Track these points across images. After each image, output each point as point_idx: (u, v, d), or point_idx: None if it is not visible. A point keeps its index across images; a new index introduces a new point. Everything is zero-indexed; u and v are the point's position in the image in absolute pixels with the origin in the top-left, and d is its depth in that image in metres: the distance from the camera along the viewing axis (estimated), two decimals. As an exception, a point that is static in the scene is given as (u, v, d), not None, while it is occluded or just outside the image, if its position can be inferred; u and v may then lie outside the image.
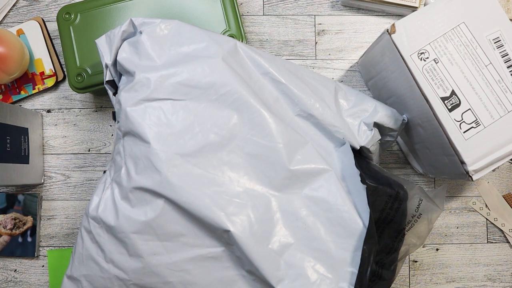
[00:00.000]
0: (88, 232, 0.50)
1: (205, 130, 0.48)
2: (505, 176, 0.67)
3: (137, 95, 0.48)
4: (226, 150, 0.48)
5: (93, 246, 0.49)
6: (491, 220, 0.66)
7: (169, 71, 0.48)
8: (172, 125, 0.47)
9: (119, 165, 0.50)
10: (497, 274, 0.66)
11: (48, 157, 0.67)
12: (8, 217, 0.65)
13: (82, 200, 0.66)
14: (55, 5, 0.70)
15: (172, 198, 0.46)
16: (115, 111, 0.54)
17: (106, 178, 0.52)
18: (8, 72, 0.62)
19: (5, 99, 0.67)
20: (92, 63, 0.61)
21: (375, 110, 0.54)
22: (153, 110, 0.48)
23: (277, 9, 0.70)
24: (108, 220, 0.48)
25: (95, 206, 0.50)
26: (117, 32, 0.52)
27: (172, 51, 0.50)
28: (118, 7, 0.62)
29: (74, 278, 0.50)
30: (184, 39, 0.51)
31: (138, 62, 0.50)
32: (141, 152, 0.47)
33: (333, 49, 0.69)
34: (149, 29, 0.51)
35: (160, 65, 0.49)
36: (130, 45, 0.51)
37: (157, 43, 0.51)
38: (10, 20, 0.69)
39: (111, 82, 0.54)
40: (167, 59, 0.50)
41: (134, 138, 0.48)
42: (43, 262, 0.65)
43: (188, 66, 0.49)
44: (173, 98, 0.48)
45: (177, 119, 0.48)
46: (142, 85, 0.48)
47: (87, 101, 0.68)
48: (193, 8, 0.62)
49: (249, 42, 0.69)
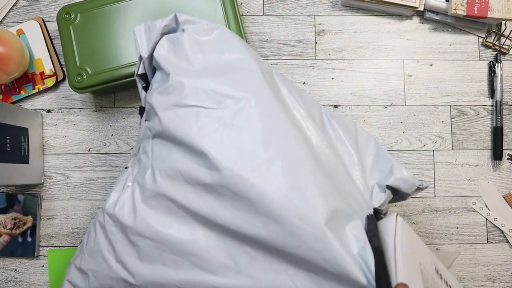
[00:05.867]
0: (102, 227, 0.49)
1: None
2: (505, 176, 0.67)
3: (170, 99, 0.46)
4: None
5: (105, 242, 0.48)
6: (491, 220, 0.66)
7: (205, 78, 0.46)
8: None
9: (145, 166, 0.48)
10: (497, 274, 0.66)
11: (48, 157, 0.67)
12: (8, 217, 0.65)
13: (82, 200, 0.66)
14: (55, 5, 0.70)
15: (204, 214, 0.44)
16: (143, 107, 0.52)
17: (128, 176, 0.50)
18: (8, 72, 0.62)
19: (5, 99, 0.67)
20: (92, 63, 0.61)
21: (390, 171, 0.51)
22: (185, 114, 0.45)
23: (277, 9, 0.70)
24: (124, 220, 0.46)
25: (113, 203, 0.48)
26: (158, 25, 0.49)
27: (212, 57, 0.48)
28: (118, 7, 0.62)
29: (82, 271, 0.49)
30: (225, 46, 0.49)
31: (175, 61, 0.48)
32: (173, 159, 0.45)
33: (333, 49, 0.69)
34: (192, 29, 0.49)
35: (197, 70, 0.47)
36: (170, 41, 0.49)
37: (198, 46, 0.48)
38: (10, 20, 0.69)
39: (142, 75, 0.52)
40: (205, 65, 0.48)
41: (165, 142, 0.46)
42: (43, 262, 0.65)
43: (226, 76, 0.46)
44: (204, 106, 0.45)
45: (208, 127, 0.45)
46: (175, 88, 0.46)
47: (87, 101, 0.68)
48: (193, 8, 0.62)
49: (249, 42, 0.69)
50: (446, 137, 0.68)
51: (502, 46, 0.69)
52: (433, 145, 0.68)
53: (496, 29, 0.69)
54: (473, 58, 0.69)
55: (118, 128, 0.67)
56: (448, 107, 0.68)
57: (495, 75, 0.68)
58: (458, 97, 0.68)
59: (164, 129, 0.45)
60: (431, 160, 0.67)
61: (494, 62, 0.68)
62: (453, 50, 0.69)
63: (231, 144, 0.43)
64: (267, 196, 0.41)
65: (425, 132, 0.68)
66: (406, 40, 0.69)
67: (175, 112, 0.45)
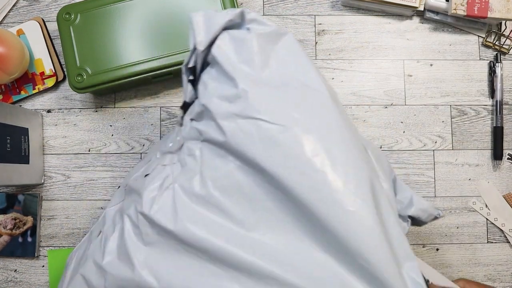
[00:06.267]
0: (134, 226, 0.45)
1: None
2: (505, 176, 0.67)
3: (231, 107, 0.42)
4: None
5: (137, 243, 0.44)
6: (491, 220, 0.66)
7: (270, 90, 0.42)
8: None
9: (192, 170, 0.44)
10: (497, 274, 0.66)
11: (48, 157, 0.67)
12: (8, 217, 0.65)
13: (82, 200, 0.66)
14: (55, 5, 0.70)
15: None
16: (187, 102, 0.48)
17: (167, 176, 0.46)
18: (8, 72, 0.62)
19: (5, 99, 0.67)
20: (92, 63, 0.61)
21: (410, 202, 0.50)
22: (246, 127, 0.42)
23: (277, 9, 0.70)
24: (163, 223, 0.43)
25: (149, 202, 0.44)
26: (221, 17, 0.44)
27: (279, 67, 0.44)
28: (118, 7, 0.62)
29: (102, 268, 0.46)
30: (292, 57, 0.45)
31: (237, 64, 0.43)
32: (231, 171, 0.42)
33: (333, 49, 0.69)
34: (259, 31, 0.44)
35: (261, 79, 0.43)
36: (232, 39, 0.44)
37: (264, 51, 0.44)
38: (10, 20, 0.69)
39: (190, 67, 0.48)
40: (270, 75, 0.43)
41: (221, 151, 0.43)
42: (43, 262, 0.65)
43: (292, 91, 0.43)
44: (269, 121, 0.41)
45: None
46: (238, 97, 0.42)
47: (87, 101, 0.68)
48: (193, 8, 0.62)
49: (249, 42, 0.69)
50: (446, 137, 0.68)
51: (502, 46, 0.69)
52: (433, 145, 0.68)
53: (496, 29, 0.69)
54: (473, 58, 0.69)
55: (118, 128, 0.67)
56: (448, 107, 0.68)
57: (495, 75, 0.68)
58: (458, 97, 0.68)
59: (229, 140, 0.42)
60: (431, 160, 0.67)
61: (494, 62, 0.68)
62: (453, 50, 0.69)
63: (297, 167, 0.40)
64: (356, 234, 0.38)
65: (425, 132, 0.68)
66: (406, 40, 0.69)
67: (236, 123, 0.41)
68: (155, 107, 0.68)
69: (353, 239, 0.38)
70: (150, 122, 0.67)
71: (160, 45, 0.61)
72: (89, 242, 0.52)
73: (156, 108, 0.68)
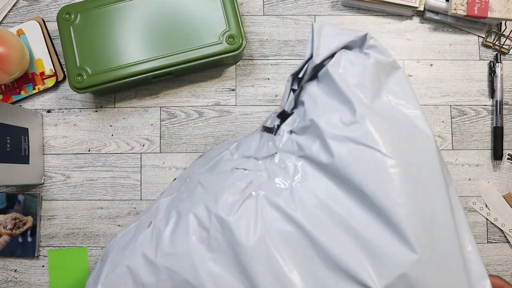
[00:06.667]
0: (202, 227, 0.42)
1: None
2: (505, 176, 0.67)
3: (344, 130, 0.41)
4: None
5: (200, 246, 0.41)
6: (491, 220, 0.66)
7: (383, 121, 0.41)
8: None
9: (280, 184, 0.42)
10: (497, 274, 0.66)
11: (48, 157, 0.67)
12: (8, 217, 0.65)
13: (82, 200, 0.66)
14: (55, 5, 0.70)
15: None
16: (287, 112, 0.46)
17: (251, 182, 0.43)
18: (8, 72, 0.62)
19: (5, 99, 0.67)
20: (92, 63, 0.61)
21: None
22: (360, 154, 0.40)
23: (277, 9, 0.70)
24: (239, 234, 0.39)
25: (227, 206, 0.41)
26: (345, 36, 0.44)
27: (391, 101, 0.43)
28: (118, 7, 0.62)
29: (155, 265, 0.43)
30: (403, 94, 0.44)
31: (352, 88, 0.42)
32: (332, 199, 0.40)
33: (333, 49, 0.69)
34: (378, 59, 0.44)
35: (373, 108, 0.41)
36: (349, 60, 0.43)
37: (378, 81, 0.43)
38: (10, 20, 0.69)
39: (296, 77, 0.46)
40: (382, 106, 0.42)
41: (324, 175, 0.41)
42: (43, 262, 0.65)
43: (402, 129, 0.41)
44: (382, 152, 0.39)
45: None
46: (354, 121, 0.41)
47: (87, 101, 0.68)
48: (193, 8, 0.62)
49: (249, 42, 0.69)
50: (446, 137, 0.68)
51: (502, 46, 0.69)
52: (433, 145, 0.68)
53: (496, 29, 0.69)
54: (473, 58, 0.69)
55: (118, 128, 0.67)
56: (448, 107, 0.68)
57: (495, 75, 0.68)
58: (458, 97, 0.68)
59: (335, 162, 0.40)
60: (431, 160, 0.67)
61: (494, 62, 0.68)
62: (453, 50, 0.69)
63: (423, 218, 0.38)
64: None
65: (425, 132, 0.68)
66: (406, 40, 0.69)
67: (347, 147, 0.40)
68: (155, 107, 0.68)
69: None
70: (150, 122, 0.67)
71: (160, 45, 0.61)
72: (137, 232, 0.48)
73: (156, 108, 0.68)
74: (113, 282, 0.44)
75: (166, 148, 0.67)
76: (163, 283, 0.42)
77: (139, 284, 0.43)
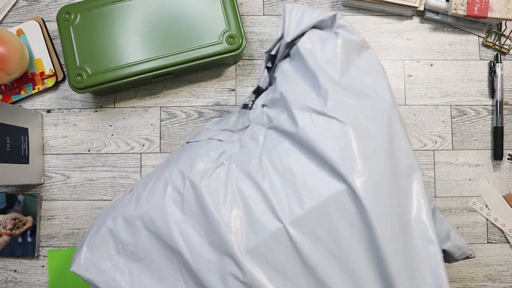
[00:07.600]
0: (177, 191, 0.44)
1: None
2: (505, 176, 0.67)
3: (308, 101, 0.44)
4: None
5: (174, 208, 0.44)
6: (491, 220, 0.66)
7: (345, 93, 0.44)
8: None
9: (251, 153, 0.45)
10: (497, 274, 0.66)
11: (48, 157, 0.67)
12: (8, 217, 0.65)
13: (82, 200, 0.66)
14: (55, 5, 0.70)
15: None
16: (260, 87, 0.49)
17: (223, 152, 0.46)
18: (8, 72, 0.62)
19: (5, 99, 0.67)
20: (92, 63, 0.61)
21: (447, 236, 0.50)
22: (323, 124, 0.43)
23: (277, 9, 0.69)
24: (207, 199, 0.43)
25: (200, 172, 0.44)
26: (314, 15, 0.47)
27: (358, 76, 0.46)
28: (118, 7, 0.62)
29: (134, 226, 0.46)
30: (372, 71, 0.47)
31: (320, 62, 0.45)
32: (294, 163, 0.43)
33: (333, 49, 0.69)
34: (347, 37, 0.46)
35: (339, 82, 0.45)
36: (319, 38, 0.46)
37: (346, 57, 0.46)
38: (10, 20, 0.69)
39: (270, 55, 0.50)
40: (347, 81, 0.45)
41: (287, 141, 0.44)
42: (43, 262, 0.65)
43: (365, 100, 0.45)
44: (344, 122, 0.43)
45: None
46: (317, 93, 0.44)
47: (87, 101, 0.68)
48: (193, 8, 0.62)
49: (249, 42, 0.69)
50: (447, 137, 0.68)
51: (502, 46, 0.69)
52: (433, 145, 0.68)
53: (496, 29, 0.69)
54: (473, 58, 0.69)
55: (118, 128, 0.67)
56: (449, 107, 0.68)
57: (495, 75, 0.68)
58: (458, 97, 0.68)
59: (299, 131, 0.43)
60: (431, 160, 0.67)
61: (494, 62, 0.68)
62: (453, 50, 0.69)
63: (371, 177, 0.41)
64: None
65: (425, 132, 0.68)
66: (406, 40, 0.69)
67: (311, 118, 0.43)
68: (155, 107, 0.68)
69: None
70: (150, 122, 0.67)
71: (160, 45, 0.61)
72: (120, 197, 0.52)
73: (156, 108, 0.68)
74: (97, 242, 0.48)
75: (166, 148, 0.67)
76: (141, 242, 0.45)
77: (119, 243, 0.46)
